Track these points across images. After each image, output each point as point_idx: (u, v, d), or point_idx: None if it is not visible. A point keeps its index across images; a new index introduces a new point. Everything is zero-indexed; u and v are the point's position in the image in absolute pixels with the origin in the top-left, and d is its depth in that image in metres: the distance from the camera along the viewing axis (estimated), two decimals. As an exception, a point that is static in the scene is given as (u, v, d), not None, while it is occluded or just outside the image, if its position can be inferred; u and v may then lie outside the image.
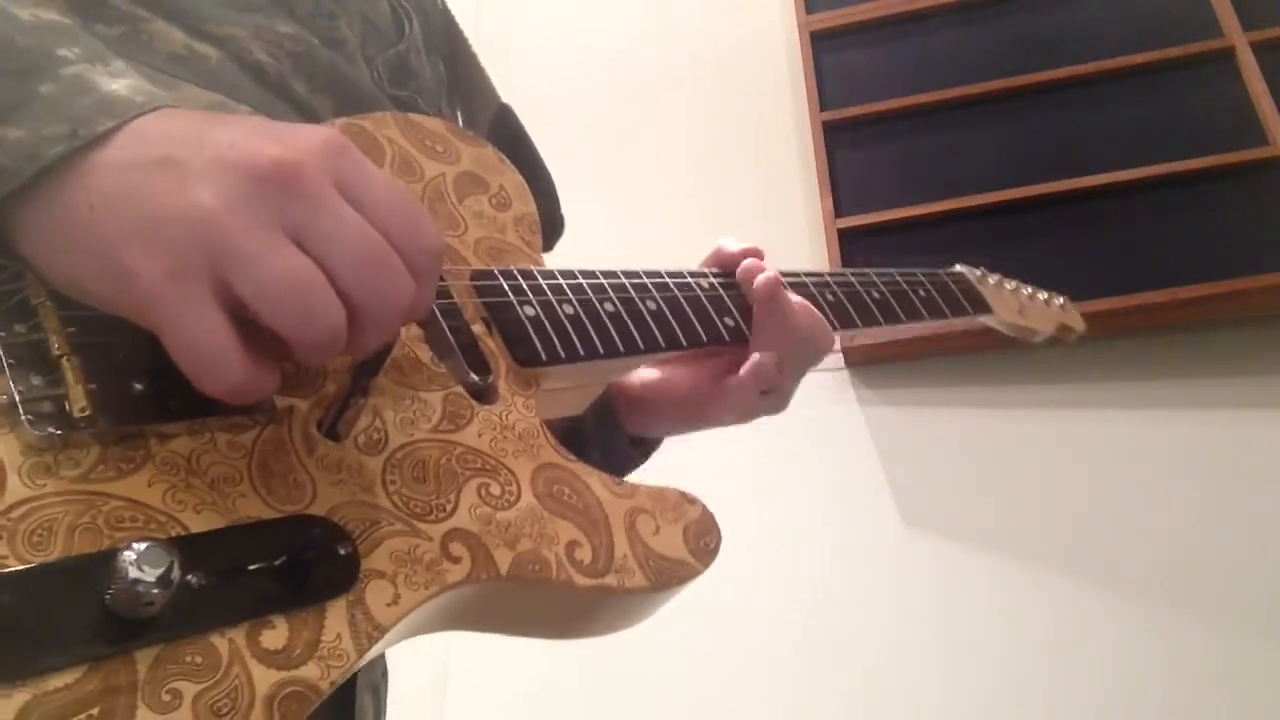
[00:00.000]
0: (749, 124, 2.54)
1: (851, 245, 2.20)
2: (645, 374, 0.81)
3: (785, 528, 2.03)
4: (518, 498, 0.55)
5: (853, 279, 0.89)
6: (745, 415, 0.78)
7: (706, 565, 0.60)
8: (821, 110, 2.39)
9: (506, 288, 0.64)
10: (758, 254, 0.81)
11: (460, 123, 0.85)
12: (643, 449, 0.85)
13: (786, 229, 2.32)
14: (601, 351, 0.65)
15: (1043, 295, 1.12)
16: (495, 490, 0.55)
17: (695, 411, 0.79)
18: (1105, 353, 2.02)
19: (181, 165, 0.43)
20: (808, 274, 0.88)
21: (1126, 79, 2.23)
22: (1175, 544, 1.86)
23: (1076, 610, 1.86)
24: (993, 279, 1.06)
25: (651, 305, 0.71)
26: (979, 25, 2.41)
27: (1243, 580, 1.80)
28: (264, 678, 0.42)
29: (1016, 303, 1.07)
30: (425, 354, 0.58)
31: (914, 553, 1.99)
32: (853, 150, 2.34)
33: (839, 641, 1.92)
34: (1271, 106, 2.06)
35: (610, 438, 0.81)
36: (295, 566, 0.45)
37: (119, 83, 0.46)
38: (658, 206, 2.47)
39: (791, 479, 2.08)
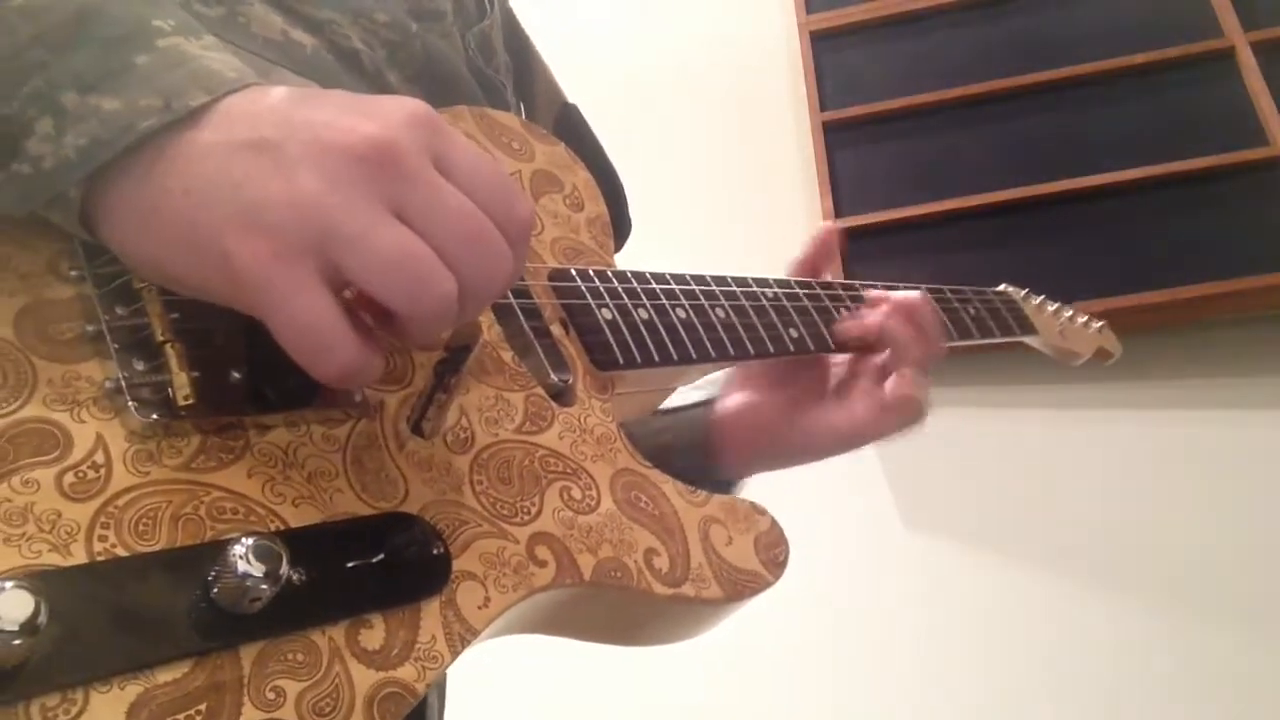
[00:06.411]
0: (749, 124, 2.53)
1: (852, 245, 2.20)
2: (740, 414, 0.80)
3: (784, 527, 2.02)
4: (598, 503, 0.55)
5: None
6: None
7: (777, 578, 0.60)
8: (821, 110, 2.38)
9: (584, 290, 0.63)
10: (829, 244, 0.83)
11: (524, 116, 0.85)
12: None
13: (786, 229, 2.31)
14: (675, 359, 0.65)
15: (1081, 318, 1.12)
16: (576, 494, 0.55)
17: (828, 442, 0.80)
18: (1105, 353, 2.03)
19: (277, 148, 0.42)
20: (848, 285, 0.87)
21: (1126, 79, 2.23)
22: (1175, 544, 1.87)
23: (1076, 610, 1.86)
24: (1035, 300, 1.06)
25: (720, 313, 0.71)
26: (979, 25, 2.40)
27: (1243, 580, 1.81)
28: (364, 677, 0.42)
29: (1057, 324, 1.08)
30: (507, 354, 0.58)
31: (914, 553, 1.99)
32: (853, 150, 2.34)
33: (838, 642, 1.91)
34: (1271, 106, 2.06)
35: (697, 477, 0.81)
36: (392, 565, 0.44)
37: (212, 56, 0.45)
38: (657, 207, 2.45)
39: (790, 479, 2.06)
